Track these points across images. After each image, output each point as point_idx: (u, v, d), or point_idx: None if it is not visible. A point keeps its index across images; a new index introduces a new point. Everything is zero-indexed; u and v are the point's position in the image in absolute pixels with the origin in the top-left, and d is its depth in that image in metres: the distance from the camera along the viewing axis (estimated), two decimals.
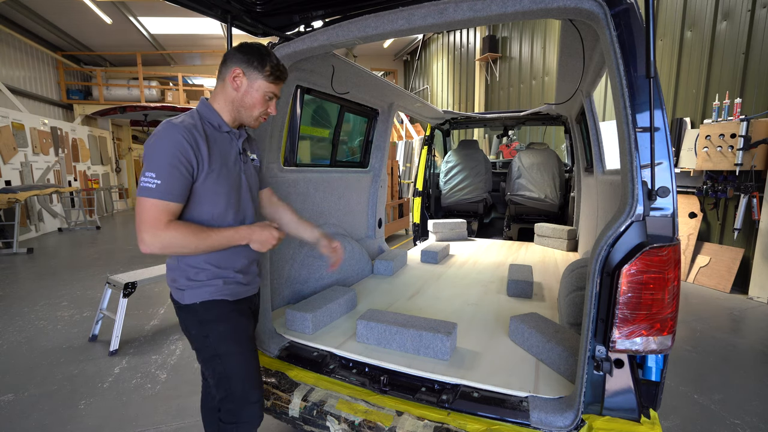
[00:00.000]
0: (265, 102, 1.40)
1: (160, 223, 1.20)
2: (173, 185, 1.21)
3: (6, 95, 9.23)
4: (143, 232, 1.19)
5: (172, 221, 1.23)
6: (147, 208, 1.19)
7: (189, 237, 1.23)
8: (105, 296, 3.56)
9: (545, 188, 4.87)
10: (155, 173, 1.19)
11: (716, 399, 2.59)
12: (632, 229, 1.25)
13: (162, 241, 1.20)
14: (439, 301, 2.59)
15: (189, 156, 1.24)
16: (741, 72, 4.83)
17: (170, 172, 1.20)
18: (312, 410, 1.59)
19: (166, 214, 1.21)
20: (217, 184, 1.33)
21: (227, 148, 1.39)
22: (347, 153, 4.04)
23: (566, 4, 1.36)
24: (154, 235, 1.19)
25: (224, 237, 1.31)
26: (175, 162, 1.21)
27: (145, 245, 1.20)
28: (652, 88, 1.21)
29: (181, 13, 10.13)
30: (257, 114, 1.41)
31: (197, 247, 1.26)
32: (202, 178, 1.29)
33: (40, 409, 2.50)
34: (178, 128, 1.24)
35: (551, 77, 8.68)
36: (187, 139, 1.23)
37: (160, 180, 1.19)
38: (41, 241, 8.19)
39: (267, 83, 1.38)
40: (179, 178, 1.22)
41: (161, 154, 1.20)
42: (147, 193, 1.19)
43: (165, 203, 1.21)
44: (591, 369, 1.32)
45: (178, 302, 1.41)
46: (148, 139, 1.25)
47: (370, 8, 1.76)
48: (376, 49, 15.32)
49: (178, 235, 1.21)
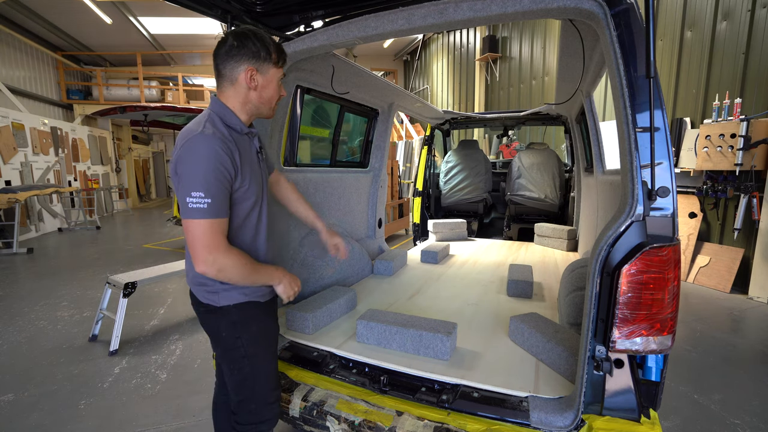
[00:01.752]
0: (279, 88, 1.40)
1: (220, 245, 1.19)
2: (222, 202, 1.20)
3: (6, 95, 9.23)
4: (203, 254, 1.18)
5: (232, 248, 1.24)
6: (204, 229, 1.17)
7: (245, 269, 1.26)
8: (105, 296, 3.56)
9: (545, 188, 4.87)
10: (203, 192, 1.15)
11: (716, 399, 2.59)
12: (632, 229, 1.25)
13: (219, 266, 1.20)
14: (439, 301, 2.59)
15: (229, 169, 1.21)
16: (741, 72, 4.83)
17: (218, 189, 1.18)
18: (312, 410, 1.59)
19: (221, 233, 1.21)
20: (250, 190, 1.34)
21: (249, 150, 1.38)
22: (347, 153, 4.04)
23: (566, 4, 1.36)
24: (213, 259, 1.18)
25: (267, 274, 1.36)
26: (220, 177, 1.18)
27: (204, 265, 1.19)
28: (652, 88, 1.21)
29: (181, 13, 10.13)
30: (275, 103, 1.41)
31: (245, 279, 1.28)
32: (236, 187, 1.28)
33: (40, 409, 2.50)
34: (215, 141, 1.19)
35: (551, 77, 8.68)
36: (225, 151, 1.20)
37: (210, 198, 1.16)
38: (41, 241, 8.19)
39: (277, 69, 1.36)
40: (225, 193, 1.21)
41: (205, 170, 1.15)
42: (200, 214, 1.15)
43: (218, 221, 1.19)
44: (591, 369, 1.32)
45: (210, 305, 1.38)
46: (179, 151, 1.19)
47: (370, 8, 1.76)
48: (376, 49, 15.32)
49: (236, 265, 1.23)
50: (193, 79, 15.85)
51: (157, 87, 12.93)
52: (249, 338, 1.42)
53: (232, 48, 1.28)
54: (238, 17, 1.86)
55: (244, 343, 1.41)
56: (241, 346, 1.41)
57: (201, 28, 11.41)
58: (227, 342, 1.42)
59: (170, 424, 2.36)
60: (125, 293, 3.29)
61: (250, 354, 1.42)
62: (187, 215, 1.17)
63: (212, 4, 1.74)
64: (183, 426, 2.34)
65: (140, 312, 4.15)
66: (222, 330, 1.41)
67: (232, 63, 1.29)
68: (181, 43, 12.95)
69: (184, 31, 11.75)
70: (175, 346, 3.37)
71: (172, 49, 13.53)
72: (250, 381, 1.44)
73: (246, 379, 1.43)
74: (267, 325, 1.49)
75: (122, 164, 14.59)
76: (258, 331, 1.45)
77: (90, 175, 11.66)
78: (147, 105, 6.39)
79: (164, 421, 2.38)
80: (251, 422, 1.46)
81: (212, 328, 1.43)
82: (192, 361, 3.10)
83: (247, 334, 1.41)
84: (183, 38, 12.47)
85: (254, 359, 1.43)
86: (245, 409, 1.46)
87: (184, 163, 1.17)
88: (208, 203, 1.16)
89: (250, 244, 1.42)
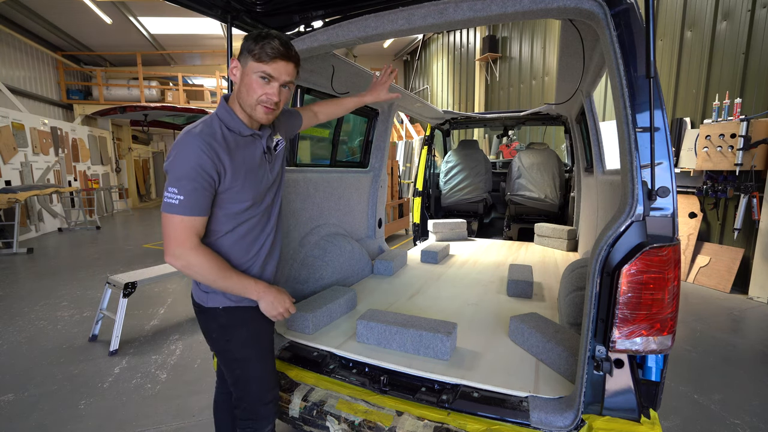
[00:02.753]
0: (261, 86, 1.26)
1: (188, 241, 1.21)
2: (196, 200, 1.21)
3: (6, 95, 9.23)
4: (171, 246, 1.21)
5: (202, 246, 1.24)
6: (173, 224, 1.20)
7: (212, 271, 1.24)
8: (105, 296, 3.56)
9: (545, 188, 4.87)
10: (177, 188, 1.18)
11: (716, 399, 2.59)
12: (632, 229, 1.25)
13: (186, 262, 1.22)
14: (439, 301, 2.59)
15: (209, 169, 1.21)
16: (741, 72, 4.83)
17: (192, 188, 1.19)
18: (312, 410, 1.59)
19: (191, 229, 1.22)
20: (242, 192, 1.31)
21: (251, 152, 1.35)
22: (347, 153, 4.04)
23: (566, 4, 1.36)
24: (180, 253, 1.21)
25: (241, 285, 1.31)
26: (195, 176, 1.19)
27: (171, 257, 1.22)
28: (652, 88, 1.20)
29: (181, 13, 10.14)
30: (254, 101, 1.28)
31: (214, 282, 1.27)
32: (225, 188, 1.27)
33: (40, 409, 2.50)
34: (197, 141, 1.20)
35: (551, 77, 8.68)
36: (206, 151, 1.20)
37: (183, 195, 1.18)
38: (41, 241, 8.19)
39: (256, 62, 1.24)
40: (201, 192, 1.21)
41: (181, 168, 1.19)
42: (170, 209, 1.19)
43: (190, 218, 1.21)
44: (591, 369, 1.32)
45: (200, 305, 1.40)
46: (171, 150, 1.23)
47: (370, 8, 1.76)
48: (376, 49, 15.32)
49: (203, 264, 1.23)
50: (193, 79, 15.84)
51: (157, 87, 12.92)
52: (239, 342, 1.41)
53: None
54: (238, 17, 1.86)
55: (234, 347, 1.41)
56: (231, 348, 1.41)
57: (201, 28, 11.41)
58: (218, 344, 1.43)
59: (170, 424, 2.36)
60: (125, 293, 3.29)
61: (240, 357, 1.42)
62: (162, 209, 1.22)
63: (212, 4, 1.74)
64: (183, 426, 2.34)
65: (140, 312, 4.15)
66: (212, 332, 1.42)
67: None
68: (181, 43, 12.94)
69: (184, 31, 11.75)
70: (175, 346, 3.37)
71: (172, 49, 13.52)
72: (242, 382, 1.45)
73: (239, 380, 1.45)
74: (259, 327, 1.45)
75: (122, 164, 14.59)
76: (248, 334, 1.42)
77: (90, 175, 11.66)
78: (147, 105, 6.39)
79: (164, 421, 2.38)
80: (249, 418, 1.49)
81: (203, 328, 1.44)
82: (192, 361, 3.10)
83: (236, 338, 1.40)
84: (183, 38, 12.47)
85: (245, 362, 1.43)
86: (241, 407, 1.48)
87: (169, 159, 1.22)
88: (180, 200, 1.18)
89: (243, 256, 1.39)
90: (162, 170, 19.08)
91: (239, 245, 1.38)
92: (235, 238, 1.36)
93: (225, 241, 1.35)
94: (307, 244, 2.58)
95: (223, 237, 1.34)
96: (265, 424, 1.51)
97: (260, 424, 1.50)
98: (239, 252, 1.38)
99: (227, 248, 1.36)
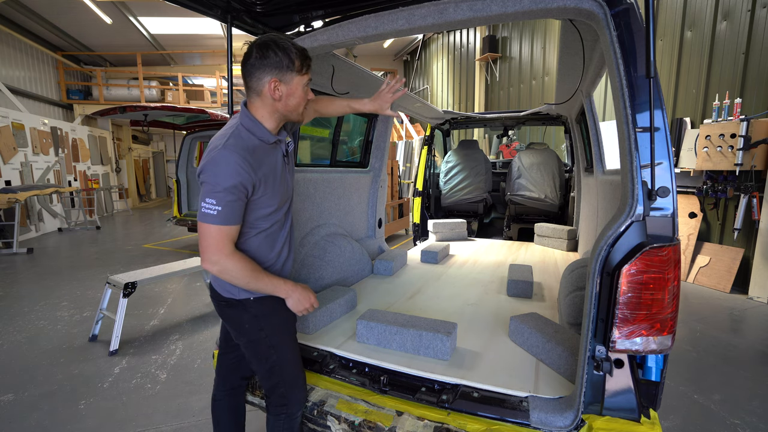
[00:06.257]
0: (306, 91, 1.40)
1: (224, 248, 1.29)
2: (232, 211, 1.28)
3: (6, 95, 9.23)
4: (208, 253, 1.29)
5: (236, 252, 1.32)
6: (211, 233, 1.27)
7: (246, 274, 1.32)
8: (105, 296, 3.56)
9: (545, 188, 4.87)
10: (215, 200, 1.25)
11: (716, 399, 2.59)
12: (632, 229, 1.25)
13: (222, 267, 1.30)
14: (439, 301, 2.58)
15: (246, 183, 1.28)
16: (741, 72, 4.83)
17: (229, 200, 1.26)
18: (312, 410, 1.59)
19: (227, 237, 1.29)
20: (272, 198, 1.40)
21: (275, 159, 1.42)
22: (347, 153, 4.04)
23: (566, 4, 1.36)
24: (217, 259, 1.29)
25: (272, 285, 1.39)
26: (233, 190, 1.26)
27: (208, 263, 1.30)
28: (652, 88, 1.20)
29: (181, 13, 10.14)
30: (302, 109, 1.43)
31: (247, 284, 1.35)
32: (257, 196, 1.35)
33: (40, 409, 2.50)
34: (235, 156, 1.26)
35: (551, 77, 8.68)
36: (244, 167, 1.26)
37: (221, 207, 1.25)
38: (41, 241, 8.19)
39: (301, 76, 1.35)
40: (237, 203, 1.28)
41: (222, 183, 1.24)
42: (208, 219, 1.26)
43: (227, 228, 1.28)
44: (591, 369, 1.32)
45: (229, 299, 1.45)
46: (204, 161, 1.28)
47: (370, 8, 1.76)
48: (376, 49, 15.32)
49: (237, 268, 1.31)
50: (193, 79, 15.83)
51: (157, 87, 12.93)
52: (272, 328, 1.49)
53: (256, 60, 1.29)
54: (238, 17, 1.86)
55: (267, 334, 1.48)
56: (265, 337, 1.48)
57: (201, 28, 11.41)
58: (251, 334, 1.48)
59: (170, 424, 2.36)
60: (125, 293, 3.29)
61: (274, 343, 1.50)
62: (200, 218, 1.28)
63: (212, 4, 1.74)
64: (183, 426, 2.34)
65: (140, 312, 4.15)
66: (245, 322, 1.48)
67: (257, 75, 1.31)
68: (181, 43, 12.94)
69: (184, 31, 11.75)
70: (175, 346, 3.37)
71: (172, 49, 13.52)
72: (278, 368, 1.51)
73: (274, 366, 1.51)
74: (287, 315, 1.53)
75: (122, 164, 14.59)
76: (279, 321, 1.51)
77: (90, 175, 11.66)
78: (147, 105, 6.39)
79: (164, 421, 2.38)
80: (283, 404, 1.53)
81: (234, 321, 1.50)
82: (192, 361, 3.10)
83: (269, 326, 1.48)
84: (183, 38, 12.47)
85: (280, 347, 1.51)
86: (277, 393, 1.53)
87: (205, 173, 1.27)
88: (218, 210, 1.25)
89: (268, 255, 1.47)
90: (162, 170, 18.95)
91: (264, 245, 1.46)
92: (262, 239, 1.45)
93: (253, 242, 1.43)
94: (307, 244, 2.58)
95: (252, 238, 1.42)
96: (298, 408, 1.56)
97: (294, 408, 1.54)
98: (264, 251, 1.47)
99: (255, 249, 1.44)
